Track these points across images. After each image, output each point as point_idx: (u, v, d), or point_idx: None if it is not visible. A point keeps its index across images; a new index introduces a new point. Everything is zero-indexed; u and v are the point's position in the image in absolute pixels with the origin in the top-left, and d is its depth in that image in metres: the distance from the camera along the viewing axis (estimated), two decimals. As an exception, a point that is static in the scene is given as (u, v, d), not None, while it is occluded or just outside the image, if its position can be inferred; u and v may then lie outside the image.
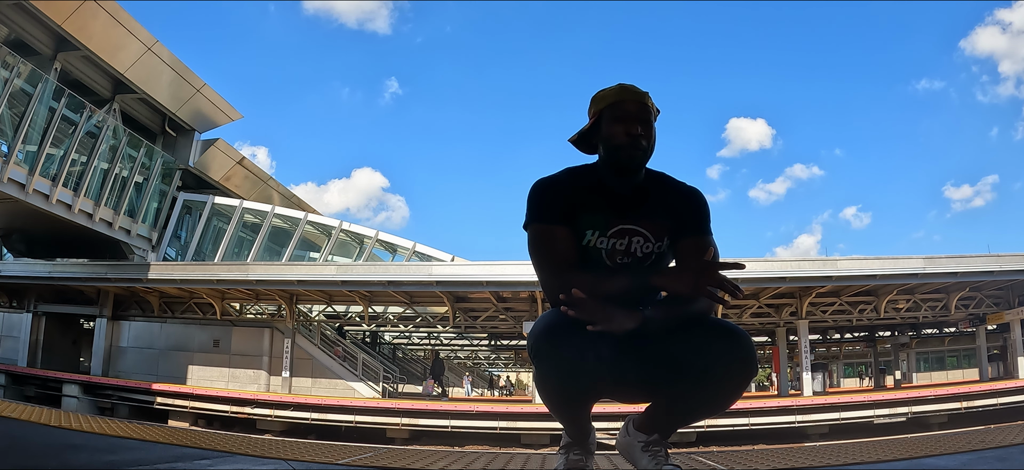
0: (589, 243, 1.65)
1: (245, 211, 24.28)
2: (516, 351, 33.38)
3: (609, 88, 1.67)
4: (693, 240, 1.64)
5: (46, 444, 2.56)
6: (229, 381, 21.09)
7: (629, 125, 1.60)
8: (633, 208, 1.65)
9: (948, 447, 2.53)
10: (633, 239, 1.65)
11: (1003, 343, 21.74)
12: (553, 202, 1.65)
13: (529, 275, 18.25)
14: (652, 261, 1.67)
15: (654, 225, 1.65)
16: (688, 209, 1.67)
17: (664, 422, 1.77)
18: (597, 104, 1.67)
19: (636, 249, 1.65)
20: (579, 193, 1.65)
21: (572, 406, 1.69)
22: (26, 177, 18.63)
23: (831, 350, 31.99)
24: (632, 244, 1.65)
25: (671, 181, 1.71)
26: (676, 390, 1.62)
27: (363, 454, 2.82)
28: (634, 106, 1.62)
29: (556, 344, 1.50)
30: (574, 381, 1.54)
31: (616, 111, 1.62)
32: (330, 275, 19.77)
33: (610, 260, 1.66)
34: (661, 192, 1.67)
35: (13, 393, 20.36)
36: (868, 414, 17.69)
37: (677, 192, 1.69)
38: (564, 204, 1.64)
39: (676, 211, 1.65)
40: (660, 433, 1.77)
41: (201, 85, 23.30)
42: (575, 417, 1.75)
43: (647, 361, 1.59)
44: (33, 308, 22.77)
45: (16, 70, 17.87)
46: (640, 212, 1.65)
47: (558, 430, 1.93)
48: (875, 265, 18.38)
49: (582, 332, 1.47)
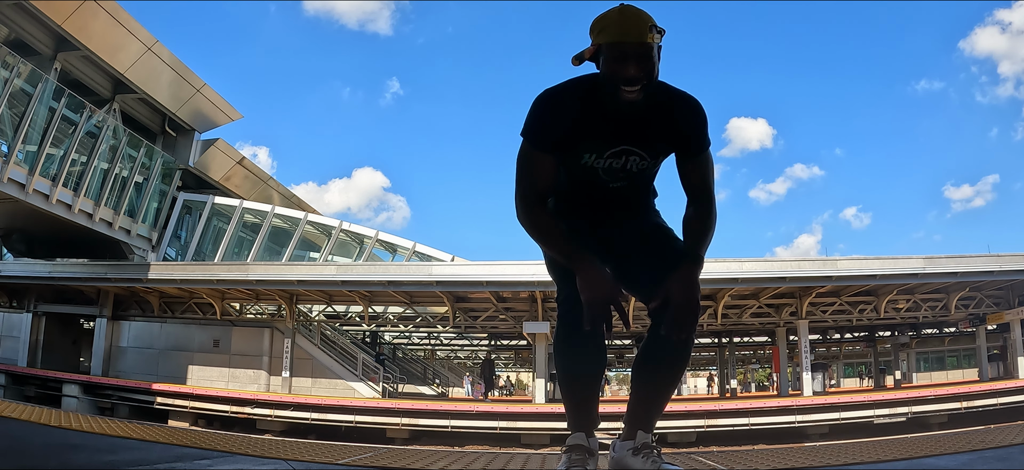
0: (587, 163, 1.68)
1: (245, 211, 24.28)
2: (516, 351, 33.35)
3: (609, 15, 1.55)
4: (696, 161, 1.70)
5: (46, 444, 2.56)
6: (229, 381, 21.09)
7: (628, 67, 1.52)
8: (632, 130, 1.65)
9: (948, 447, 2.53)
10: (630, 158, 1.69)
11: (1003, 343, 21.73)
12: (550, 125, 1.63)
13: (529, 275, 18.30)
14: (646, 173, 1.74)
15: (652, 147, 1.69)
16: (688, 126, 1.67)
17: (641, 412, 1.82)
18: (597, 35, 1.57)
19: (632, 166, 1.70)
20: (579, 114, 1.63)
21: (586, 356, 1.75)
22: (26, 177, 18.63)
23: (831, 350, 31.98)
24: (628, 162, 1.70)
25: (671, 96, 1.66)
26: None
27: (363, 454, 2.82)
28: (634, 47, 1.51)
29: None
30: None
31: (615, 51, 1.53)
32: (330, 275, 19.77)
33: (607, 177, 1.71)
34: (662, 112, 1.64)
35: (13, 393, 20.36)
36: (868, 414, 17.69)
37: (677, 109, 1.66)
38: (561, 127, 1.63)
39: (676, 130, 1.67)
40: (642, 427, 1.79)
41: (201, 85, 23.30)
42: (589, 391, 1.79)
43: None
44: (33, 308, 22.77)
45: (16, 70, 17.86)
46: (639, 134, 1.66)
47: (558, 430, 1.94)
48: (875, 265, 18.38)
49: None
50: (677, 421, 17.00)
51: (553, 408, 17.87)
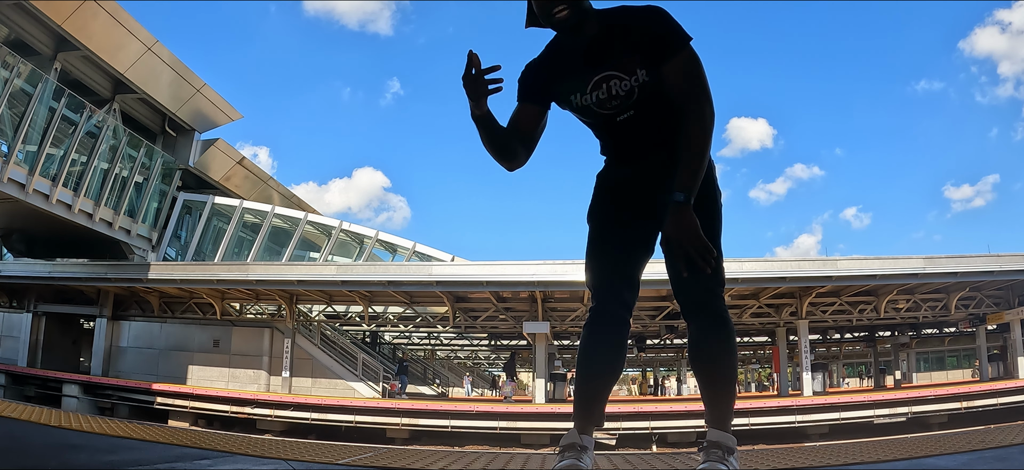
0: (580, 103, 1.75)
1: (245, 211, 24.28)
2: (516, 351, 33.34)
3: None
4: (671, 65, 1.66)
5: (46, 444, 2.56)
6: (229, 381, 21.09)
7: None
8: (597, 56, 1.70)
9: (948, 447, 2.53)
10: (610, 83, 1.71)
11: (1003, 343, 21.73)
12: (524, 81, 1.78)
13: (529, 275, 18.32)
14: (639, 94, 1.71)
15: (621, 62, 1.69)
16: (649, 28, 1.67)
17: (706, 408, 1.78)
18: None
19: (617, 90, 1.71)
20: (549, 65, 1.76)
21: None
22: (26, 177, 18.63)
23: (831, 350, 31.97)
24: (611, 87, 1.71)
25: (624, 10, 1.71)
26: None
27: (363, 454, 2.82)
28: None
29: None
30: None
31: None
32: (330, 275, 19.77)
33: (602, 109, 1.74)
34: (617, 27, 1.69)
35: (13, 393, 20.36)
36: (868, 414, 17.69)
37: (633, 18, 1.69)
38: (536, 80, 1.77)
39: (638, 38, 1.67)
40: (712, 424, 1.75)
41: (201, 85, 23.30)
42: (596, 390, 1.77)
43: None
44: (33, 308, 22.77)
45: (16, 70, 17.86)
46: (604, 57, 1.70)
47: (558, 430, 1.94)
48: (875, 265, 18.38)
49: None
50: (677, 421, 16.99)
51: (553, 408, 17.87)
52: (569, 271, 17.82)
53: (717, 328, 1.72)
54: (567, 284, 18.28)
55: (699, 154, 1.62)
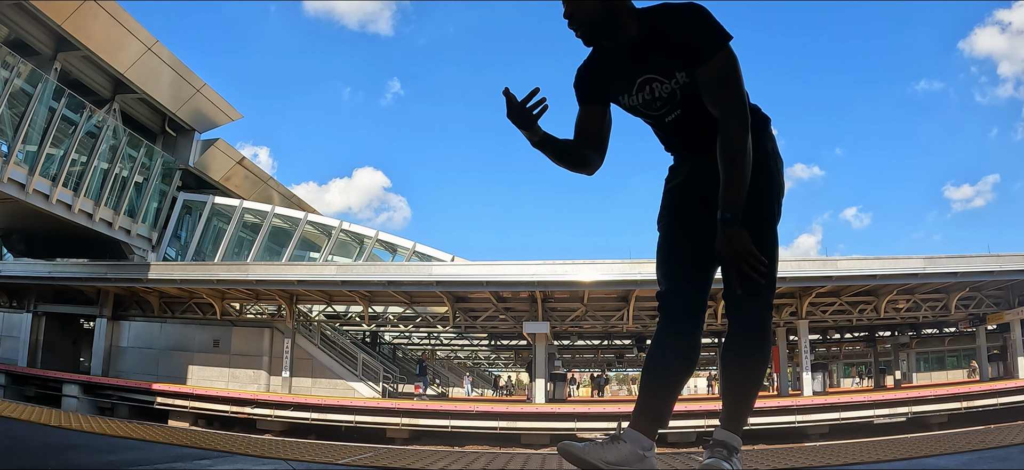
0: (629, 103, 1.78)
1: (245, 211, 24.28)
2: (516, 351, 33.35)
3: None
4: (705, 69, 1.64)
5: (46, 444, 2.56)
6: (229, 381, 21.09)
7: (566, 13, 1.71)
8: (638, 58, 1.71)
9: (948, 447, 2.53)
10: (652, 85, 1.72)
11: (1003, 343, 21.72)
12: (579, 85, 1.81)
13: (529, 275, 18.30)
14: (682, 95, 1.70)
15: (660, 65, 1.69)
16: (685, 34, 1.64)
17: (723, 406, 1.78)
18: None
19: (660, 92, 1.72)
20: (597, 68, 1.79)
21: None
22: (26, 177, 18.63)
23: (831, 350, 31.97)
24: (654, 90, 1.72)
25: (664, 9, 1.68)
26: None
27: (363, 454, 2.82)
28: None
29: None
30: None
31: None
32: (330, 275, 19.77)
33: (649, 110, 1.76)
34: (655, 31, 1.67)
35: (13, 393, 20.36)
36: (868, 414, 17.69)
37: (670, 19, 1.67)
38: (589, 85, 1.80)
39: (675, 44, 1.66)
40: (723, 424, 1.75)
41: (201, 85, 23.30)
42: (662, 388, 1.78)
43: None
44: (33, 308, 22.77)
45: (16, 70, 17.86)
46: (645, 59, 1.70)
47: (558, 430, 1.94)
48: (875, 265, 18.38)
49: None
50: (677, 421, 16.98)
51: (553, 408, 17.88)
52: (569, 271, 17.82)
53: (754, 334, 1.72)
54: (567, 284, 18.28)
55: (736, 167, 1.59)
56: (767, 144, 1.78)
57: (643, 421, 1.75)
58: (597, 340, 27.68)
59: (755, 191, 1.66)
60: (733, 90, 1.63)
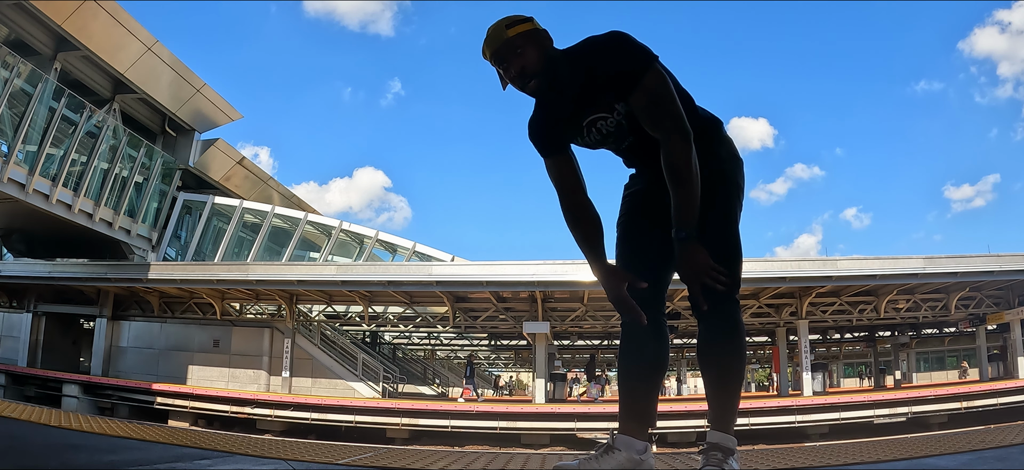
0: (587, 141, 1.80)
1: (245, 211, 24.28)
2: (516, 351, 33.36)
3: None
4: (636, 96, 1.64)
5: (46, 444, 2.56)
6: (229, 381, 21.09)
7: (505, 76, 1.69)
8: (578, 101, 1.72)
9: (948, 447, 2.53)
10: (598, 122, 1.74)
11: (1003, 343, 21.72)
12: (538, 140, 1.79)
13: (529, 275, 18.29)
14: (628, 124, 1.72)
15: (597, 104, 1.71)
16: (612, 66, 1.64)
17: (709, 407, 1.79)
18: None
19: (606, 128, 1.74)
20: (544, 120, 1.78)
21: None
22: (26, 177, 18.63)
23: (831, 350, 31.97)
24: (601, 127, 1.74)
25: (588, 47, 1.68)
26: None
27: (363, 454, 2.82)
28: (492, 61, 1.70)
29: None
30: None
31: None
32: (330, 275, 19.77)
33: (602, 144, 1.79)
34: (583, 70, 1.68)
35: (13, 393, 20.36)
36: (868, 414, 17.68)
37: (595, 55, 1.66)
38: (542, 131, 1.78)
39: (602, 79, 1.67)
40: (713, 425, 1.75)
41: (201, 85, 23.30)
42: (636, 386, 1.82)
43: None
44: (33, 308, 22.76)
45: (16, 70, 17.86)
46: (583, 100, 1.72)
47: (558, 430, 1.94)
48: (875, 265, 18.37)
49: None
50: (677, 421, 16.98)
51: (553, 408, 17.88)
52: (569, 271, 17.82)
53: (727, 330, 1.73)
54: (567, 284, 18.27)
55: (684, 185, 1.59)
56: (719, 150, 1.79)
57: (631, 425, 1.76)
58: (597, 340, 27.70)
59: (711, 198, 1.67)
60: (667, 108, 1.62)
